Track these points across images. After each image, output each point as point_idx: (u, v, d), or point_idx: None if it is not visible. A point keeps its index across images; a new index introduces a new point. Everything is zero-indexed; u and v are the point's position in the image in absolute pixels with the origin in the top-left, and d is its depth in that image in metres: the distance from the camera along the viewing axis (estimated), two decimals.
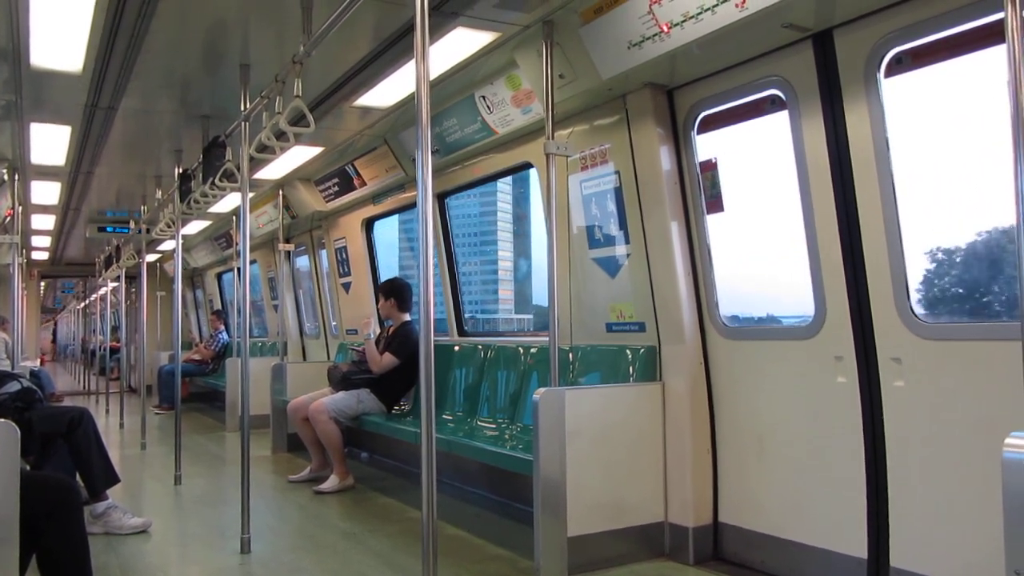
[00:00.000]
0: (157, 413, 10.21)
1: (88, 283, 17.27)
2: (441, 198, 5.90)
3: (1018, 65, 1.87)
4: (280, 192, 7.50)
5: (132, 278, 11.77)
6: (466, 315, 6.09)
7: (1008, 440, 1.80)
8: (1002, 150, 1.93)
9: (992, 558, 2.05)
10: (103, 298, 12.26)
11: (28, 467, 4.09)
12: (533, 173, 4.82)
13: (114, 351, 13.87)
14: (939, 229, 3.11)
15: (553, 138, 3.65)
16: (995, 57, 2.57)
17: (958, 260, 3.19)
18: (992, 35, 2.58)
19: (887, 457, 3.04)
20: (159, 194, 7.10)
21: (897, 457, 3.01)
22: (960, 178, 3.00)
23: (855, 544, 3.14)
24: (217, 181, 4.84)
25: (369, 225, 7.26)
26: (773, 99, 3.41)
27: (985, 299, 3.29)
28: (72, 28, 3.72)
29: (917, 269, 3.00)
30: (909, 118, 2.99)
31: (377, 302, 6.10)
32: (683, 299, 3.77)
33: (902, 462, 3.00)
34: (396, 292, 5.79)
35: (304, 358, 9.14)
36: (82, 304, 21.58)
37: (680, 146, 3.80)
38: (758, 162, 3.80)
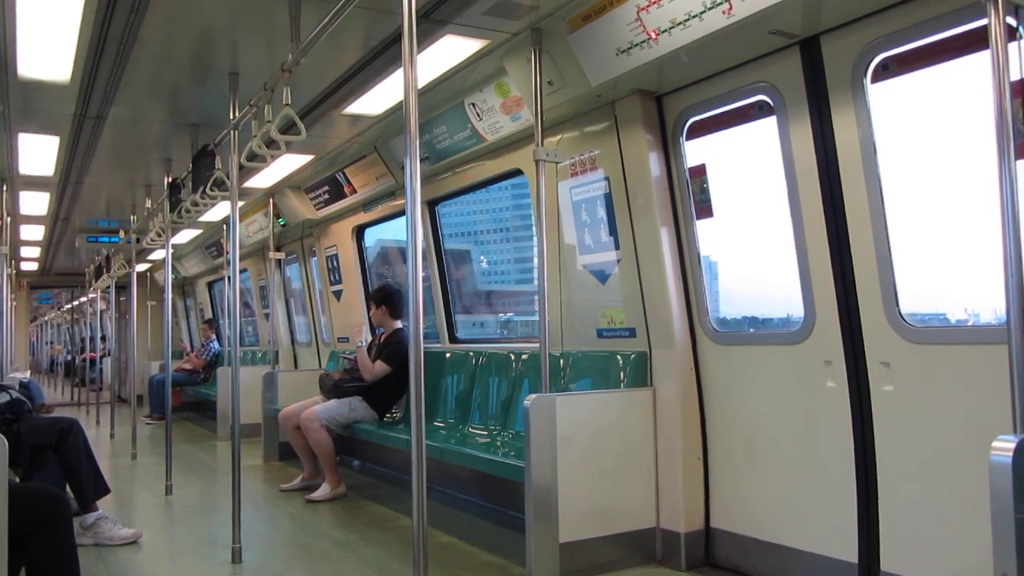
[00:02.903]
0: (148, 423, 10.18)
1: (74, 293, 17.20)
2: (431, 205, 5.90)
3: (1002, 70, 1.89)
4: (271, 200, 7.50)
5: (122, 287, 11.73)
6: (501, 318, 6.00)
7: (995, 443, 1.81)
8: (988, 154, 1.94)
9: (982, 561, 2.06)
10: (81, 308, 12.21)
11: (17, 479, 4.06)
12: None
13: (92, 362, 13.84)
14: (927, 232, 3.12)
15: (542, 145, 3.66)
16: (980, 62, 2.59)
17: None
18: (977, 41, 2.61)
19: (877, 461, 3.05)
20: (149, 203, 7.08)
21: (887, 461, 3.02)
22: (947, 182, 3.02)
23: (846, 548, 3.15)
24: (207, 190, 4.83)
25: (360, 232, 7.25)
26: (761, 105, 3.43)
27: None
28: (60, 38, 3.71)
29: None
30: (896, 123, 3.00)
31: (368, 310, 6.09)
32: (673, 304, 3.77)
33: (892, 466, 3.01)
34: (387, 299, 5.77)
35: (295, 366, 9.11)
36: (57, 312, 21.52)
37: (669, 152, 3.82)
38: (747, 167, 3.82)
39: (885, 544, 3.02)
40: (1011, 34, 1.95)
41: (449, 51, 3.88)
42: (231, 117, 4.20)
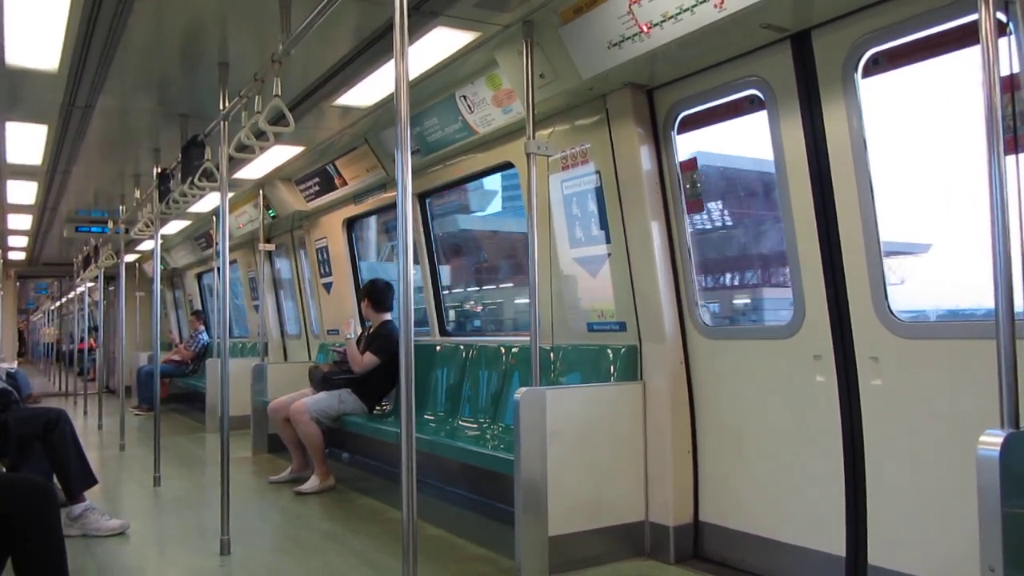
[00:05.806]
0: (136, 414, 10.13)
1: (63, 283, 17.11)
2: (422, 197, 5.89)
3: (992, 66, 1.89)
4: (260, 192, 7.46)
5: (111, 278, 11.67)
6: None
7: (982, 438, 1.82)
8: (978, 149, 1.95)
9: (969, 555, 2.07)
10: (80, 298, 12.14)
11: (4, 469, 4.05)
12: None
13: (91, 351, 13.80)
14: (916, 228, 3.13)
15: (534, 138, 3.65)
16: (970, 58, 2.59)
17: None
18: (967, 36, 2.61)
19: (865, 455, 3.07)
20: (138, 194, 7.05)
21: (875, 455, 3.04)
22: (937, 177, 3.03)
23: (833, 542, 3.16)
24: (196, 181, 4.80)
25: (350, 225, 7.23)
26: (752, 99, 3.42)
27: None
28: (48, 26, 3.68)
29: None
30: (887, 118, 3.01)
31: (360, 303, 6.10)
32: (663, 298, 3.78)
33: (880, 460, 3.02)
34: (369, 293, 5.78)
35: (285, 358, 9.09)
36: (55, 305, 21.43)
37: (660, 146, 3.81)
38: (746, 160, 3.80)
39: (872, 537, 3.04)
40: (1001, 29, 1.96)
41: (440, 43, 3.86)
42: (221, 108, 4.18)
